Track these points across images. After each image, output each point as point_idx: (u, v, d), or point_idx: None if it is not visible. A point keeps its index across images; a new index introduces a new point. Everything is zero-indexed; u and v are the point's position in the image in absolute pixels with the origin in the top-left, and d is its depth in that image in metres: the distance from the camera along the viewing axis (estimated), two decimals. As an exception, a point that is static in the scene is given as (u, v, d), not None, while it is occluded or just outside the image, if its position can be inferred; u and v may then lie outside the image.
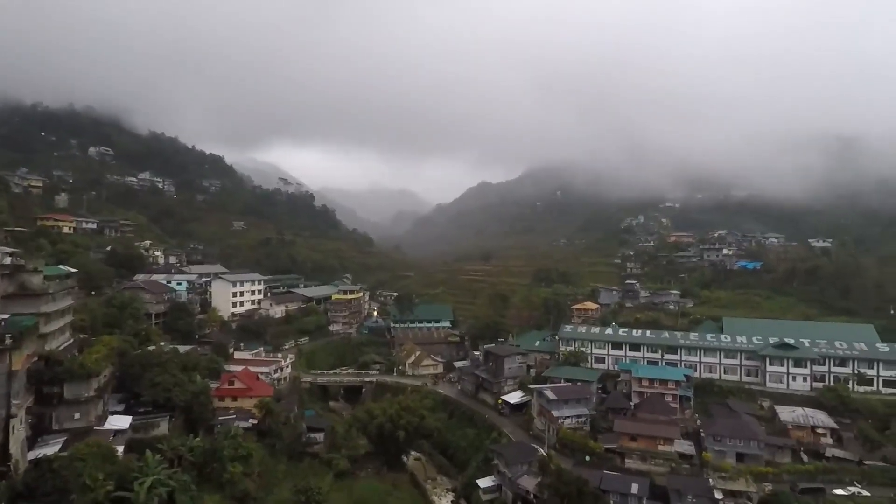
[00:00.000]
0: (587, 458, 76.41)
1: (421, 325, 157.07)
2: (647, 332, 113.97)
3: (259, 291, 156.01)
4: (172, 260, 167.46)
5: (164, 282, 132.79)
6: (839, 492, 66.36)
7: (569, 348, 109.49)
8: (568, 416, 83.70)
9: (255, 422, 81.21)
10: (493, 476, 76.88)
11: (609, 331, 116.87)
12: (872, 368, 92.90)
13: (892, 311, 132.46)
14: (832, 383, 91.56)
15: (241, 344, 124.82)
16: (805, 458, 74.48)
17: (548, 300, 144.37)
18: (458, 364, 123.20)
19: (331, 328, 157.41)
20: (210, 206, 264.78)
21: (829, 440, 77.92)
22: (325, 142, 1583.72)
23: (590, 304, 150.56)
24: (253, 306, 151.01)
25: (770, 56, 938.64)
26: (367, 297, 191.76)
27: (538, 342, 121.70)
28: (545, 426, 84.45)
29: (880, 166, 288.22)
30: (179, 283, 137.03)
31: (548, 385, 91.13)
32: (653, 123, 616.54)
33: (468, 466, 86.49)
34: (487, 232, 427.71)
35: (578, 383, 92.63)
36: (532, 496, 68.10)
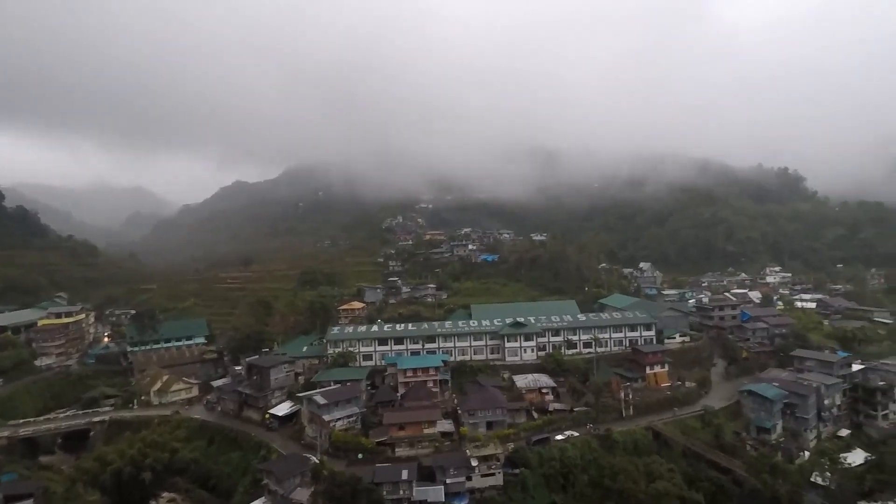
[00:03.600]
0: (360, 455, 77.82)
1: (169, 344, 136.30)
2: (410, 325, 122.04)
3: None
4: None
5: None
6: (559, 437, 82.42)
7: (337, 350, 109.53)
8: (339, 418, 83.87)
9: None
10: (263, 497, 71.98)
11: (375, 328, 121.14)
12: (576, 335, 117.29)
13: (586, 289, 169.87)
14: (551, 350, 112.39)
15: None
16: (535, 415, 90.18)
17: (314, 303, 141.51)
18: (216, 383, 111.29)
19: (39, 362, 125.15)
20: None
21: (551, 397, 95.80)
22: (22, 126, 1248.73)
23: (356, 304, 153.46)
24: None
25: (493, 72, 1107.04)
26: (92, 319, 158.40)
27: (306, 347, 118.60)
28: (317, 432, 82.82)
29: (573, 175, 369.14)
30: None
31: (317, 390, 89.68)
32: (402, 128, 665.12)
33: (235, 493, 79.15)
34: (246, 235, 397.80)
35: (348, 383, 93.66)
36: (306, 507, 66.09)
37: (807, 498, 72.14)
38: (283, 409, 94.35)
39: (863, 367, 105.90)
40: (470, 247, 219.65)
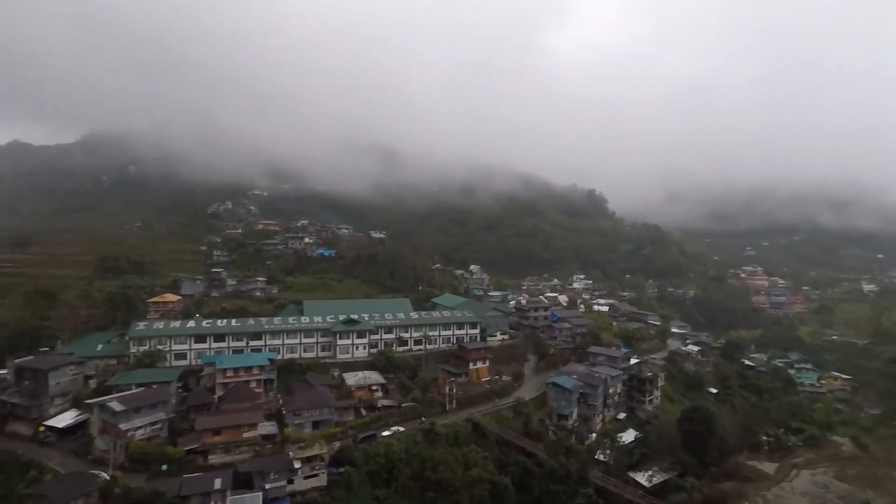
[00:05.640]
0: (164, 467, 69.38)
1: None
2: (233, 320, 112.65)
3: None
4: None
5: None
6: (385, 433, 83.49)
7: (142, 348, 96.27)
8: (140, 426, 73.81)
9: None
10: (29, 527, 59.70)
11: (191, 324, 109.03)
12: (407, 332, 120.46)
13: (420, 288, 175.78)
14: (383, 348, 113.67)
15: None
16: (364, 412, 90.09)
17: (115, 295, 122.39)
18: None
19: None
20: None
21: (380, 393, 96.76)
22: None
23: (170, 297, 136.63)
24: None
25: (337, 63, 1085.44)
26: None
27: (101, 346, 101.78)
28: (110, 445, 71.59)
29: (412, 176, 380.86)
30: None
31: (113, 395, 77.62)
32: (233, 109, 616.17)
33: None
34: (26, 209, 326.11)
35: (154, 386, 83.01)
36: (90, 533, 56.72)
37: (591, 473, 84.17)
38: (65, 419, 79.46)
39: (638, 360, 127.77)
40: (306, 240, 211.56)
